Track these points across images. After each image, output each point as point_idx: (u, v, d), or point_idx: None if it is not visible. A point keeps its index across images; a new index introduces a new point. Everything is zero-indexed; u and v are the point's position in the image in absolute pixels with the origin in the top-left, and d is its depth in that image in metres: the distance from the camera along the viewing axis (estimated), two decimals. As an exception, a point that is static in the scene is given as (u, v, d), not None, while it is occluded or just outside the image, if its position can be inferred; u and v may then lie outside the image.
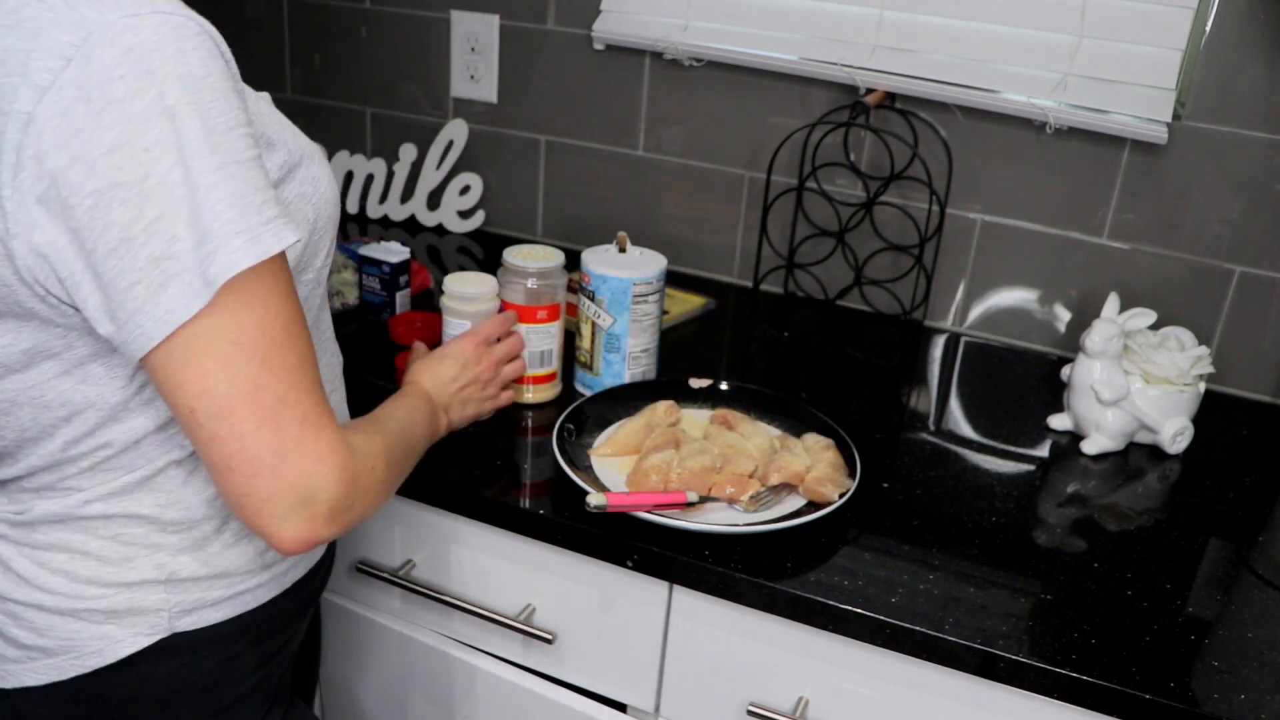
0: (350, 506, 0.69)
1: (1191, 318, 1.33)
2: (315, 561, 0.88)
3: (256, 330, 0.63)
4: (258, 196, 0.63)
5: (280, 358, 0.64)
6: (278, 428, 0.64)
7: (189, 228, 0.60)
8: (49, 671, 0.74)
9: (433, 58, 1.65)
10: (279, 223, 0.64)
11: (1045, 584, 0.92)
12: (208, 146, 0.60)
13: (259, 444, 0.64)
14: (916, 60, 1.35)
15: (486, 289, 1.09)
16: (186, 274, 0.60)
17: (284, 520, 0.66)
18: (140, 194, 0.59)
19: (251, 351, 0.63)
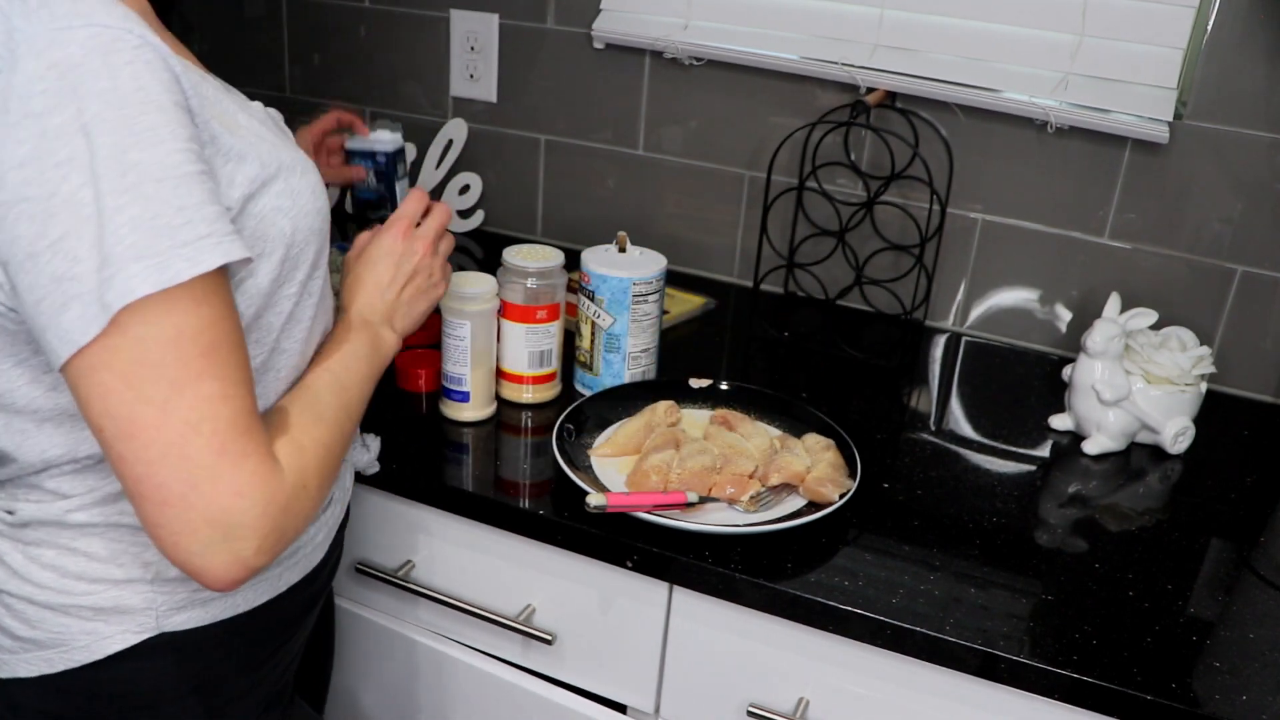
0: (282, 534, 0.66)
1: (1193, 317, 1.33)
2: (314, 566, 0.87)
3: (167, 353, 0.60)
4: (178, 218, 0.60)
5: (195, 382, 0.61)
6: (186, 456, 0.61)
7: (91, 249, 0.58)
8: (39, 664, 0.74)
9: (432, 57, 1.65)
10: (204, 244, 0.60)
11: (1046, 584, 0.92)
12: (120, 166, 0.58)
13: (165, 472, 0.61)
14: (917, 59, 1.35)
15: (486, 288, 1.08)
16: (85, 296, 0.58)
17: (204, 555, 0.62)
18: (46, 211, 0.58)
19: (159, 375, 0.60)
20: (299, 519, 0.68)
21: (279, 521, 0.65)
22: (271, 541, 0.65)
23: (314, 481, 0.70)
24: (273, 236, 0.71)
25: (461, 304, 1.08)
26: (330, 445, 0.74)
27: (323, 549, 0.88)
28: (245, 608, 0.80)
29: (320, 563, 0.88)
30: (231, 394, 0.63)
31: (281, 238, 0.72)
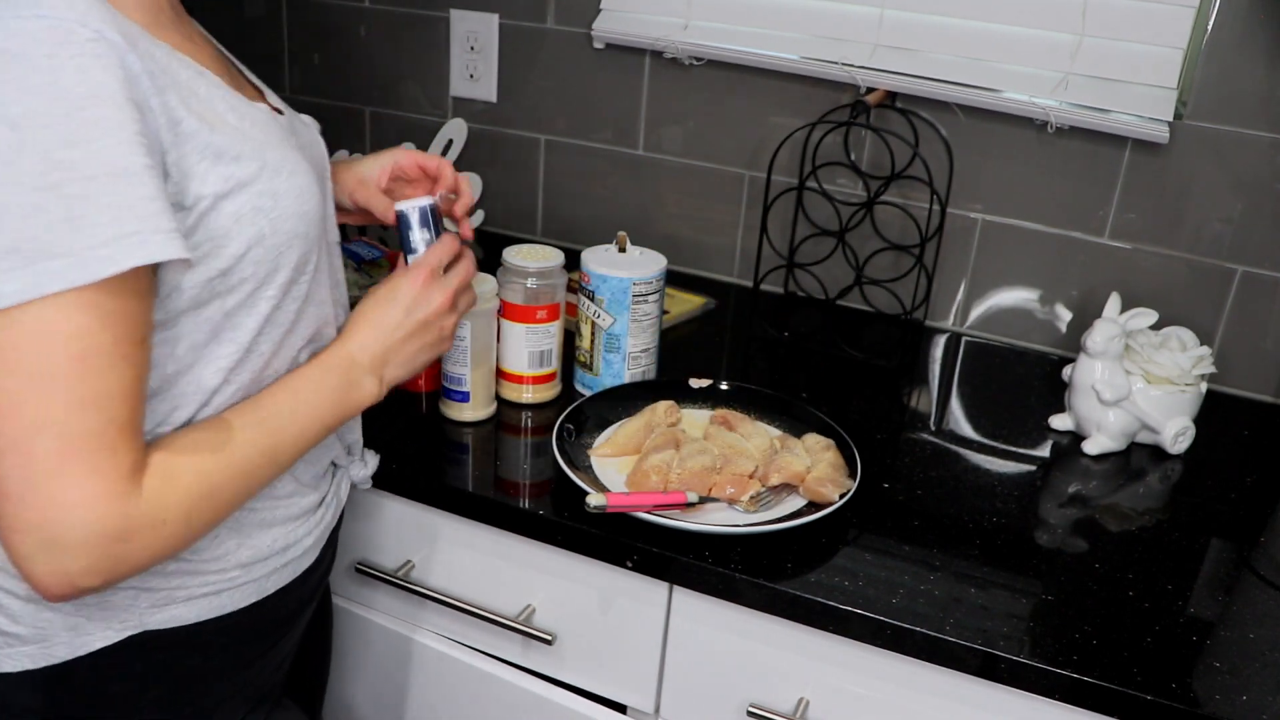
0: (118, 563, 0.63)
1: (1193, 317, 1.33)
2: (305, 569, 0.87)
3: (37, 350, 0.59)
4: (99, 217, 0.59)
5: (58, 385, 0.60)
6: (29, 455, 0.60)
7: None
8: (22, 659, 0.74)
9: (432, 57, 1.64)
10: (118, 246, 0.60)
11: (1046, 584, 0.92)
12: (41, 165, 0.58)
13: (6, 466, 0.60)
14: (917, 59, 1.35)
15: (486, 288, 1.08)
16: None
17: (30, 560, 0.61)
18: None
19: (21, 367, 0.59)
20: (144, 553, 0.65)
21: (111, 549, 0.63)
22: (104, 567, 0.63)
23: (175, 517, 0.66)
24: (247, 236, 0.70)
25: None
26: (219, 484, 0.70)
27: (314, 553, 0.88)
28: (231, 608, 0.79)
29: (311, 566, 0.88)
30: (98, 405, 0.61)
31: (259, 238, 0.71)
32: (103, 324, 0.61)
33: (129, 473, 0.63)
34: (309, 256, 0.77)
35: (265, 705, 0.88)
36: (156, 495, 0.65)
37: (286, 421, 0.76)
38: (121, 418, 0.63)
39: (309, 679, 1.06)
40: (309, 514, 0.86)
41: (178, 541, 0.67)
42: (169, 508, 0.66)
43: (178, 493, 0.67)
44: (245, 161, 0.69)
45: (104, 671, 0.75)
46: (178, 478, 0.67)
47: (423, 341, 0.87)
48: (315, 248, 0.78)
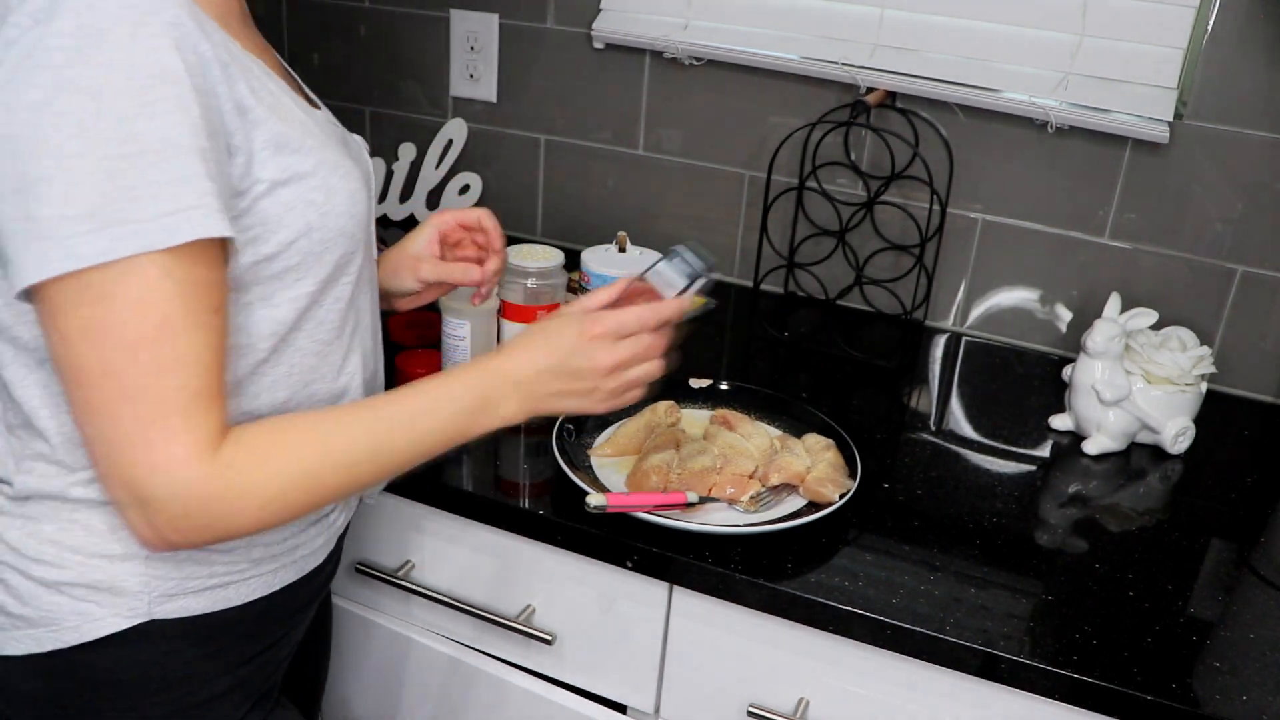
0: (203, 528, 0.67)
1: (1193, 317, 1.33)
2: (312, 569, 0.87)
3: (119, 317, 0.62)
4: (167, 190, 0.62)
5: (141, 351, 0.63)
6: (116, 420, 0.64)
7: (64, 200, 0.60)
8: (28, 642, 0.75)
9: (432, 57, 1.64)
10: (185, 216, 0.62)
11: (1046, 585, 0.92)
12: (119, 134, 0.61)
13: (99, 428, 0.64)
14: (917, 59, 1.35)
15: (486, 288, 1.08)
16: (48, 240, 0.61)
17: (125, 510, 0.66)
18: (35, 152, 0.60)
19: (106, 336, 0.62)
20: (223, 519, 0.67)
21: (193, 510, 0.65)
22: (189, 527, 0.66)
23: (261, 493, 0.68)
24: (297, 225, 0.72)
25: (461, 304, 1.08)
26: (314, 470, 0.71)
27: (322, 553, 0.88)
28: (238, 601, 0.80)
29: (318, 567, 0.88)
30: (174, 371, 0.64)
31: (307, 229, 0.73)
32: (176, 291, 0.63)
33: (207, 437, 0.65)
34: (352, 258, 0.79)
35: (265, 705, 0.88)
36: (240, 464, 0.67)
37: (404, 426, 0.76)
38: (197, 384, 0.65)
39: (308, 679, 1.06)
40: (322, 517, 0.87)
41: (267, 516, 0.69)
42: (254, 482, 0.68)
43: (266, 469, 0.69)
44: (305, 155, 0.72)
45: (108, 659, 0.76)
46: (269, 455, 0.69)
47: (575, 387, 0.83)
48: (359, 251, 0.80)
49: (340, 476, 0.73)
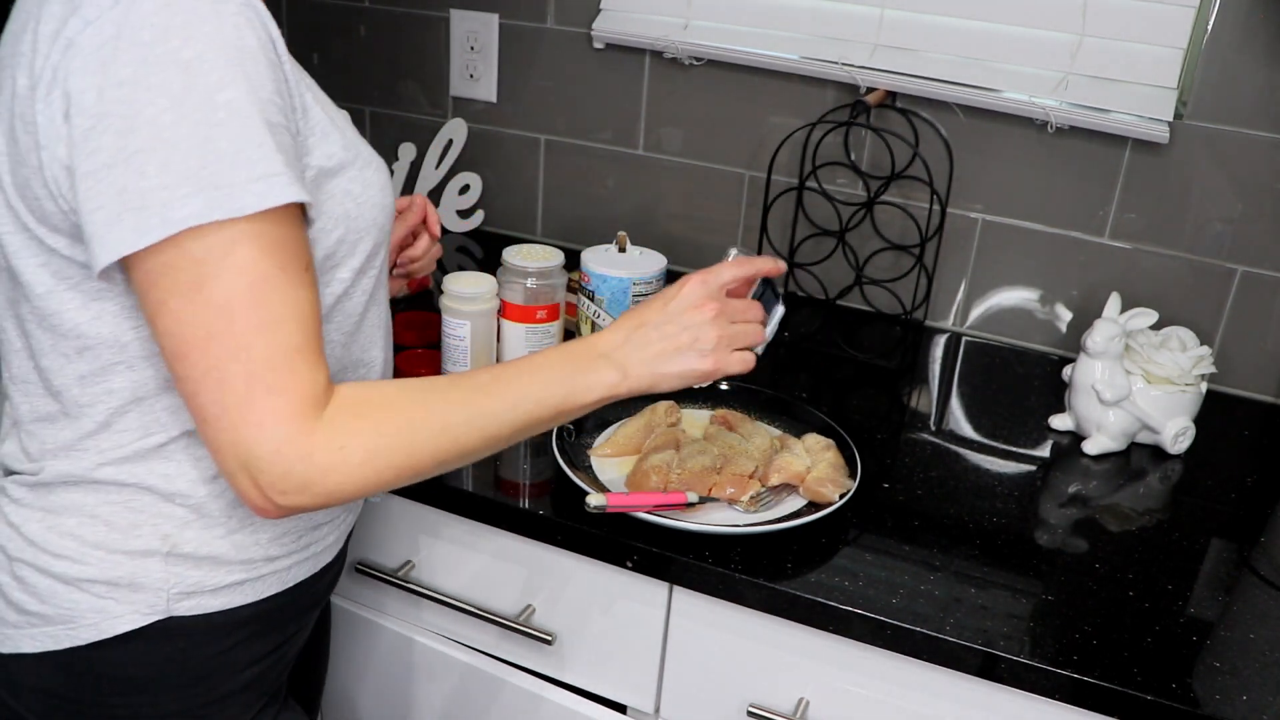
0: (306, 485, 0.66)
1: (1193, 317, 1.33)
2: (323, 565, 0.88)
3: (217, 279, 0.63)
4: (257, 153, 0.64)
5: (240, 311, 0.64)
6: (222, 380, 0.64)
7: (160, 169, 0.62)
8: (45, 639, 0.75)
9: (432, 56, 1.64)
10: (276, 180, 0.64)
11: (1046, 584, 0.92)
12: (210, 104, 0.63)
13: (204, 392, 0.65)
14: (917, 59, 1.34)
15: (486, 289, 1.08)
16: (145, 209, 0.62)
17: (235, 478, 0.66)
18: (130, 127, 0.62)
19: (209, 299, 0.64)
20: (327, 475, 0.67)
21: (296, 468, 0.65)
22: (293, 486, 0.66)
23: (360, 447, 0.67)
24: (335, 215, 0.74)
25: (461, 304, 1.08)
26: (413, 430, 0.70)
27: (333, 550, 0.89)
28: (253, 598, 0.80)
29: (328, 564, 0.89)
30: (276, 328, 0.65)
31: (344, 218, 0.75)
32: (269, 252, 0.65)
33: (310, 394, 0.66)
34: (379, 250, 0.81)
35: (275, 704, 0.88)
36: (341, 422, 0.67)
37: (501, 389, 0.75)
38: (297, 340, 0.66)
39: (307, 679, 1.06)
40: (333, 517, 0.87)
41: (369, 475, 0.68)
42: (352, 435, 0.67)
43: (365, 426, 0.68)
44: (345, 147, 0.74)
45: (125, 656, 0.76)
46: (366, 412, 0.69)
47: (674, 342, 0.80)
48: (384, 244, 0.82)
49: (440, 439, 0.72)
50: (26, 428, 0.76)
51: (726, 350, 0.82)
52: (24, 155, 0.67)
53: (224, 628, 0.79)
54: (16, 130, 0.67)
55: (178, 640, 0.77)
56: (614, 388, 0.79)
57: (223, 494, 0.77)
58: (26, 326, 0.73)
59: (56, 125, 0.64)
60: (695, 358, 0.80)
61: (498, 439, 0.75)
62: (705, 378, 0.82)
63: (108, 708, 0.78)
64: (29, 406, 0.76)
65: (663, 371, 0.80)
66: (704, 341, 0.80)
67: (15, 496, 0.77)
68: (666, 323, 0.80)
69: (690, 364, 0.80)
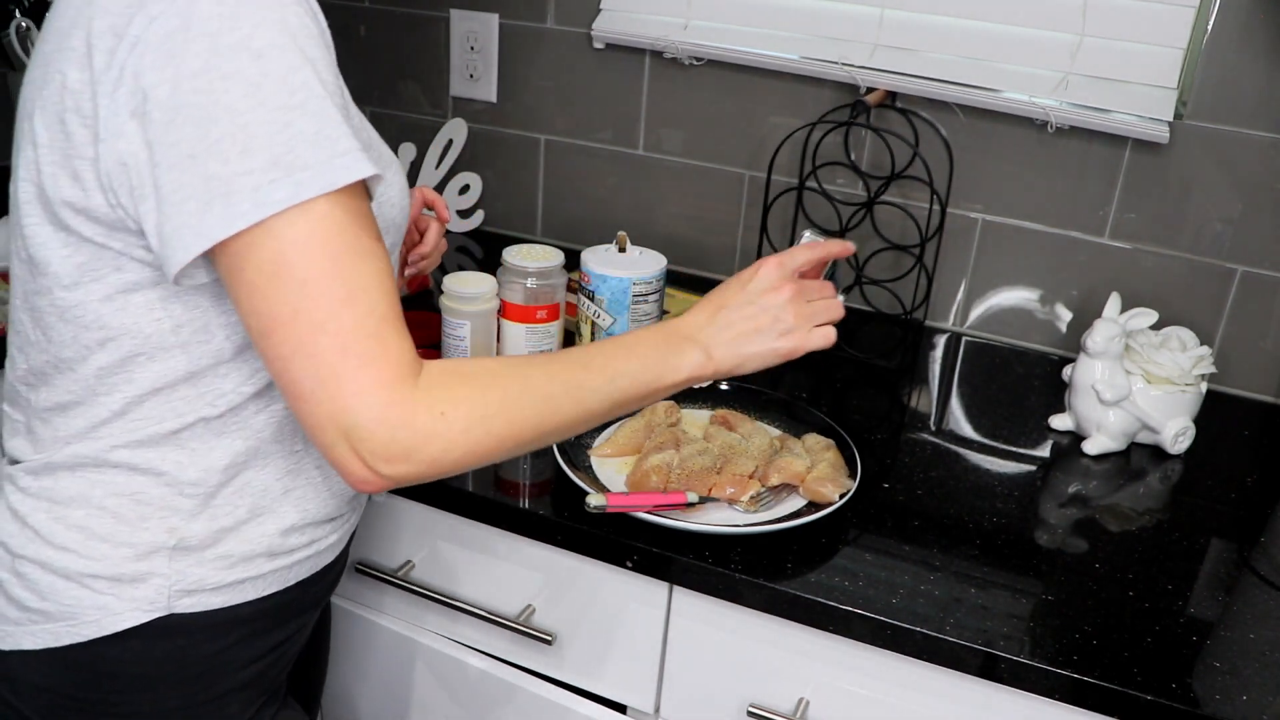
0: (409, 451, 0.66)
1: (1193, 317, 1.33)
2: (325, 565, 0.88)
3: (300, 256, 0.64)
4: (336, 131, 0.66)
5: (325, 285, 0.65)
6: (314, 354, 0.65)
7: (243, 155, 0.63)
8: (45, 636, 0.75)
9: (432, 56, 1.64)
10: (351, 157, 0.66)
11: (1046, 584, 0.92)
12: (288, 86, 0.64)
13: (298, 369, 0.65)
14: (917, 59, 1.34)
15: (486, 289, 1.08)
16: (233, 195, 0.63)
17: (334, 450, 0.66)
18: (209, 116, 0.63)
19: (291, 276, 0.64)
20: (429, 441, 0.66)
21: (399, 435, 0.65)
22: (396, 453, 0.66)
23: (461, 414, 0.68)
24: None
25: (461, 304, 1.08)
26: (513, 398, 0.71)
27: (335, 550, 0.89)
28: (254, 596, 0.81)
29: (330, 564, 0.89)
30: (362, 299, 0.66)
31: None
32: (346, 225, 0.66)
33: (401, 360, 0.67)
34: (395, 248, 0.82)
35: (274, 703, 0.88)
36: (440, 389, 0.68)
37: (597, 364, 0.76)
38: (382, 308, 0.67)
39: (307, 679, 1.06)
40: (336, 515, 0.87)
41: (471, 443, 0.68)
42: (453, 403, 0.68)
43: (464, 394, 0.69)
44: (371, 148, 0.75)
45: (126, 653, 0.76)
46: (465, 380, 0.69)
47: (755, 323, 0.82)
48: (398, 244, 0.83)
49: (541, 409, 0.72)
50: (40, 416, 0.77)
51: (807, 328, 0.84)
52: (78, 147, 0.67)
53: (224, 626, 0.79)
54: (70, 124, 0.67)
55: (178, 638, 0.77)
56: (701, 368, 0.80)
57: (233, 485, 0.77)
58: (45, 319, 0.74)
59: (121, 120, 0.65)
60: (777, 337, 0.83)
61: (594, 413, 0.76)
62: (788, 355, 0.84)
63: (108, 704, 0.78)
64: (45, 398, 0.76)
65: (747, 352, 0.82)
66: (784, 321, 0.83)
67: (23, 486, 0.77)
68: (746, 304, 0.82)
69: (773, 343, 0.83)
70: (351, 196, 0.67)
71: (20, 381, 0.78)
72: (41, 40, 0.71)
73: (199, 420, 0.75)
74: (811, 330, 0.84)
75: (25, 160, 0.71)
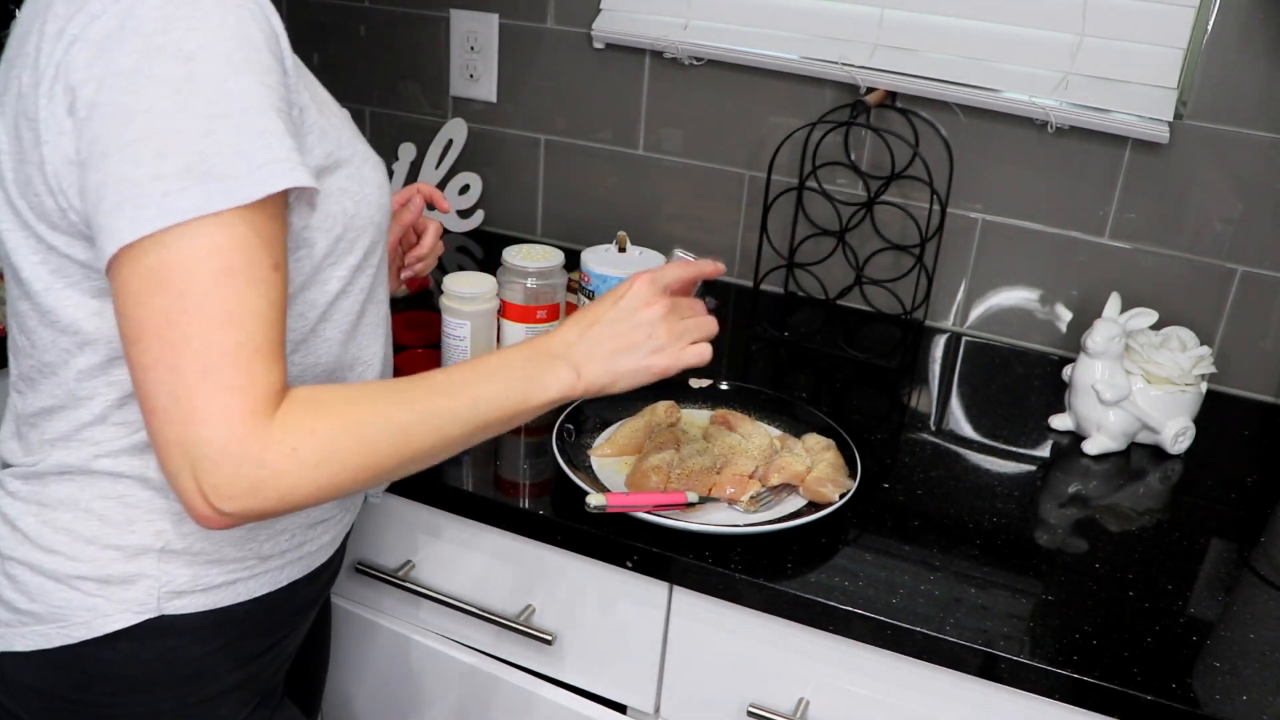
0: (255, 489, 0.63)
1: (1193, 317, 1.33)
2: (318, 566, 0.87)
3: (187, 269, 0.62)
4: (259, 141, 0.63)
5: (203, 302, 0.62)
6: (175, 369, 0.62)
7: (157, 158, 0.61)
8: (36, 638, 0.75)
9: (432, 56, 1.64)
10: (268, 170, 0.63)
11: (1046, 584, 0.92)
12: (214, 93, 0.62)
13: (156, 381, 0.63)
14: (917, 59, 1.34)
15: (486, 289, 1.08)
16: (141, 199, 0.61)
17: (178, 477, 0.63)
18: (128, 115, 0.62)
19: (172, 286, 0.62)
20: (279, 479, 0.64)
21: (244, 470, 0.62)
22: (242, 490, 0.63)
23: (313, 450, 0.65)
24: (334, 213, 0.74)
25: (461, 304, 1.08)
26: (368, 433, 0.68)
27: (329, 550, 0.89)
28: (246, 597, 0.80)
29: (323, 565, 0.89)
30: (236, 324, 0.63)
31: (343, 215, 0.75)
32: (246, 245, 0.63)
33: (265, 395, 0.64)
34: (376, 248, 0.81)
35: (269, 704, 0.88)
36: (295, 423, 0.65)
37: (457, 390, 0.74)
38: (257, 339, 0.64)
39: (307, 679, 1.06)
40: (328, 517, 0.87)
41: (322, 479, 0.66)
42: (305, 436, 0.65)
43: (319, 428, 0.66)
44: (343, 145, 0.74)
45: (117, 655, 0.76)
46: (320, 414, 0.66)
47: (627, 340, 0.81)
48: (382, 242, 0.81)
49: (397, 442, 0.70)
50: (28, 420, 0.77)
51: (680, 345, 0.83)
52: (26, 152, 0.67)
53: (215, 627, 0.79)
54: (20, 128, 0.67)
55: (168, 639, 0.77)
56: (570, 386, 0.79)
57: None
58: (28, 324, 0.74)
59: (59, 120, 0.64)
60: (649, 354, 0.81)
61: (454, 440, 0.74)
62: (661, 374, 0.82)
63: (101, 706, 0.78)
64: (31, 401, 0.76)
65: (619, 370, 0.81)
66: (657, 338, 0.81)
67: (12, 490, 0.77)
68: (618, 321, 0.81)
69: (645, 360, 0.81)
70: (263, 214, 0.64)
71: (12, 387, 0.78)
72: (7, 47, 0.71)
73: None
74: (685, 348, 0.83)
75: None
